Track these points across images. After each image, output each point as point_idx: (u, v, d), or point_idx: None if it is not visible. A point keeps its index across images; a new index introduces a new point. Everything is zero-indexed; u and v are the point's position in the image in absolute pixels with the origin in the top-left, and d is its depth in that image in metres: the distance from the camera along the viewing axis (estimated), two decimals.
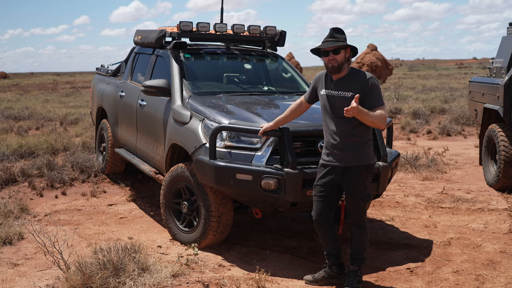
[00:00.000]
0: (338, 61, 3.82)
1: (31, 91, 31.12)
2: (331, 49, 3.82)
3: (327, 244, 4.10)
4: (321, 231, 4.06)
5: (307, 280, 4.14)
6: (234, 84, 5.99)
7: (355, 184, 3.89)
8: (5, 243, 4.97)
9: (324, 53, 3.86)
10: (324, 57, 3.87)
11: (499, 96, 6.87)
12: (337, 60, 3.82)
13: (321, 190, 3.96)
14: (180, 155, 5.27)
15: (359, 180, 3.89)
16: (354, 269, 4.03)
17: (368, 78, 3.83)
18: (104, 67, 8.32)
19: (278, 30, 6.37)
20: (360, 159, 3.87)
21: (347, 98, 3.79)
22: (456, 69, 63.13)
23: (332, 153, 3.88)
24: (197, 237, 4.81)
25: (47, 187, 7.09)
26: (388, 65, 32.78)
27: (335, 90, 3.87)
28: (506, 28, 7.71)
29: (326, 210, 3.98)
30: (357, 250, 4.03)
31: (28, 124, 13.49)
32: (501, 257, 4.71)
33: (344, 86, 3.85)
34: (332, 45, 3.81)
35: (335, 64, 3.82)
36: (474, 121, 12.35)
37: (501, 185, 6.98)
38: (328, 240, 4.07)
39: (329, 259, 4.13)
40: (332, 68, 3.84)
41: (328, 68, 3.88)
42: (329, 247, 4.10)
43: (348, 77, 3.88)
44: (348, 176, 3.88)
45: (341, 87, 3.86)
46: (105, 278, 3.85)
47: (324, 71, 4.03)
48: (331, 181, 3.92)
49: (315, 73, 39.94)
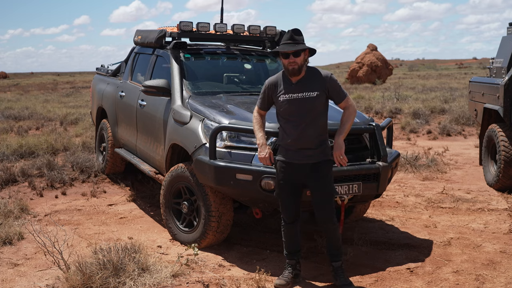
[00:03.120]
0: (298, 64, 3.88)
1: (31, 91, 31.14)
2: (291, 52, 3.86)
3: (294, 242, 4.14)
4: (291, 229, 4.11)
5: (280, 285, 4.03)
6: (234, 84, 5.99)
7: (325, 178, 3.97)
8: (5, 243, 4.97)
9: (284, 55, 3.89)
10: (284, 59, 3.91)
11: (499, 96, 6.87)
12: (297, 62, 3.88)
13: (287, 187, 4.00)
14: (180, 155, 5.27)
15: (329, 174, 4.00)
16: (338, 264, 4.09)
17: (328, 76, 3.96)
18: (104, 67, 8.32)
19: (278, 30, 6.37)
20: (326, 154, 3.99)
21: (313, 98, 3.89)
22: (456, 69, 63.16)
23: (300, 152, 3.92)
24: (197, 237, 4.81)
25: (47, 187, 7.09)
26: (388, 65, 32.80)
27: (299, 92, 3.91)
28: (506, 28, 7.71)
29: (297, 208, 4.06)
30: (338, 245, 4.09)
31: (28, 124, 13.49)
32: (501, 257, 4.71)
33: (306, 87, 3.91)
34: (292, 48, 3.86)
35: (295, 66, 3.88)
36: (474, 121, 12.35)
37: (501, 185, 6.98)
38: (295, 237, 4.13)
39: (295, 257, 4.15)
40: (292, 70, 3.89)
41: (288, 70, 3.91)
42: (296, 244, 4.14)
43: (308, 77, 3.95)
44: (319, 172, 3.95)
45: (304, 89, 3.91)
46: (105, 278, 3.85)
47: (275, 77, 4.05)
48: (296, 179, 3.97)
49: None
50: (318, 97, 3.90)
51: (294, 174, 3.97)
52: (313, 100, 3.90)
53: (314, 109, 3.92)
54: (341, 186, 4.36)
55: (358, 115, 5.04)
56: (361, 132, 4.73)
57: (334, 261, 4.09)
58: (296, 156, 3.94)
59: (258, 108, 4.14)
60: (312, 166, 3.95)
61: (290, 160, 3.96)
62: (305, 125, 3.90)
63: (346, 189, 4.39)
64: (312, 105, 3.90)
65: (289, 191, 4.02)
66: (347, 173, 4.42)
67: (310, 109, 3.90)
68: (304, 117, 3.90)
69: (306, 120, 3.90)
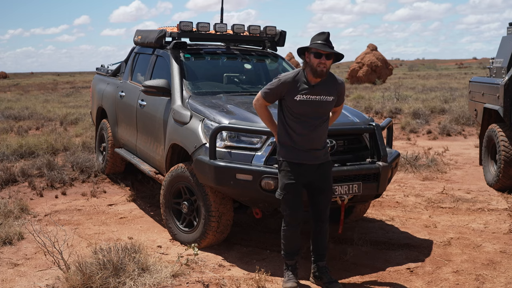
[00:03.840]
0: (327, 66, 3.88)
1: (31, 91, 31.14)
2: (326, 53, 3.83)
3: (296, 244, 4.10)
4: (295, 232, 4.08)
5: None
6: (234, 84, 5.99)
7: (329, 179, 4.04)
8: (5, 243, 4.97)
9: (317, 55, 3.83)
10: (315, 58, 3.84)
11: (499, 96, 6.87)
12: (327, 65, 3.87)
13: (296, 188, 3.97)
14: (180, 155, 5.27)
15: (331, 175, 4.08)
16: (324, 264, 4.12)
17: (342, 82, 4.06)
18: (104, 67, 8.32)
19: (278, 30, 6.38)
20: (328, 155, 4.08)
21: (328, 102, 3.95)
22: (456, 69, 63.17)
23: (310, 152, 3.94)
24: (197, 237, 4.81)
25: (47, 187, 7.09)
26: (388, 65, 32.81)
27: (317, 95, 3.91)
28: (506, 28, 7.71)
29: (301, 208, 4.06)
30: (325, 245, 4.12)
31: (28, 124, 13.49)
32: (501, 257, 4.71)
33: (325, 90, 3.93)
34: (328, 50, 3.82)
35: (324, 68, 3.86)
36: (474, 121, 12.35)
37: (501, 185, 6.98)
38: (298, 238, 4.12)
39: (295, 258, 4.10)
40: (320, 72, 3.85)
41: (316, 71, 3.84)
42: (297, 246, 4.13)
43: (326, 81, 3.96)
44: (324, 173, 4.00)
45: (322, 92, 3.92)
46: (105, 278, 3.85)
47: (292, 75, 3.93)
48: (303, 179, 3.97)
49: None
50: (333, 102, 3.99)
51: (302, 175, 3.96)
52: (329, 104, 3.96)
53: (326, 112, 4.00)
54: (341, 186, 4.36)
55: (358, 115, 5.05)
56: (361, 132, 4.73)
57: (320, 260, 4.10)
58: (307, 157, 3.94)
59: (264, 100, 4.02)
60: (318, 166, 3.98)
61: (300, 161, 3.94)
62: (317, 125, 3.93)
63: (346, 189, 4.39)
64: (326, 109, 3.97)
65: (297, 192, 3.98)
66: (347, 173, 4.43)
67: (324, 112, 3.97)
68: (317, 119, 3.93)
69: (317, 122, 3.93)
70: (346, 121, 4.83)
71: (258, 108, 4.09)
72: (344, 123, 4.76)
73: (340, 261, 4.60)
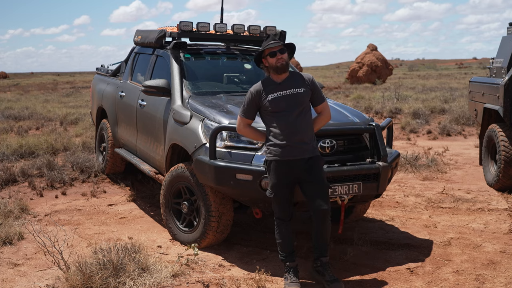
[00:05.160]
0: (285, 59, 4.01)
1: (31, 91, 31.13)
2: (277, 48, 3.99)
3: (290, 241, 4.11)
4: (288, 227, 4.11)
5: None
6: (234, 84, 5.99)
7: (319, 171, 4.03)
8: (5, 243, 4.97)
9: (272, 54, 4.00)
10: (271, 58, 4.00)
11: (499, 96, 6.87)
12: (284, 58, 4.01)
13: (284, 187, 4.01)
14: (180, 155, 5.27)
15: (321, 168, 4.08)
16: (326, 260, 4.09)
17: (310, 77, 4.12)
18: (104, 67, 8.32)
19: (278, 30, 6.37)
20: (317, 150, 4.11)
21: (300, 94, 4.02)
22: (456, 69, 63.17)
23: (296, 147, 3.96)
24: (197, 237, 4.81)
25: (47, 187, 7.09)
26: (388, 65, 32.81)
27: (286, 89, 4.02)
28: (506, 28, 7.71)
29: (291, 204, 4.09)
30: (328, 239, 4.10)
31: (28, 124, 13.49)
32: (501, 257, 4.71)
33: (292, 84, 4.04)
34: (278, 44, 4.01)
35: (284, 62, 4.01)
36: (474, 121, 12.35)
37: (501, 185, 6.98)
38: (291, 234, 4.12)
39: (293, 258, 4.09)
40: (281, 66, 4.00)
41: (277, 68, 4.00)
42: (291, 244, 4.12)
43: (291, 77, 4.08)
44: (314, 166, 4.00)
45: (291, 86, 4.03)
46: (105, 278, 3.85)
47: (258, 85, 4.09)
48: (292, 176, 4.00)
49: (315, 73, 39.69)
50: (305, 93, 4.04)
51: (289, 172, 3.99)
52: (301, 95, 4.02)
53: (302, 103, 4.03)
54: (341, 186, 4.36)
55: (358, 115, 5.05)
56: (361, 132, 4.73)
57: (323, 256, 4.07)
58: (292, 152, 3.95)
59: (245, 119, 4.11)
60: (307, 161, 4.00)
61: (285, 158, 3.97)
62: (295, 117, 3.97)
63: (346, 189, 4.39)
64: (301, 100, 4.02)
65: (285, 190, 4.03)
66: (347, 173, 4.42)
67: (299, 103, 4.01)
68: (294, 109, 3.98)
69: (296, 112, 3.98)
70: (346, 121, 4.84)
71: (242, 130, 4.18)
72: (344, 123, 4.77)
73: (340, 261, 4.60)
